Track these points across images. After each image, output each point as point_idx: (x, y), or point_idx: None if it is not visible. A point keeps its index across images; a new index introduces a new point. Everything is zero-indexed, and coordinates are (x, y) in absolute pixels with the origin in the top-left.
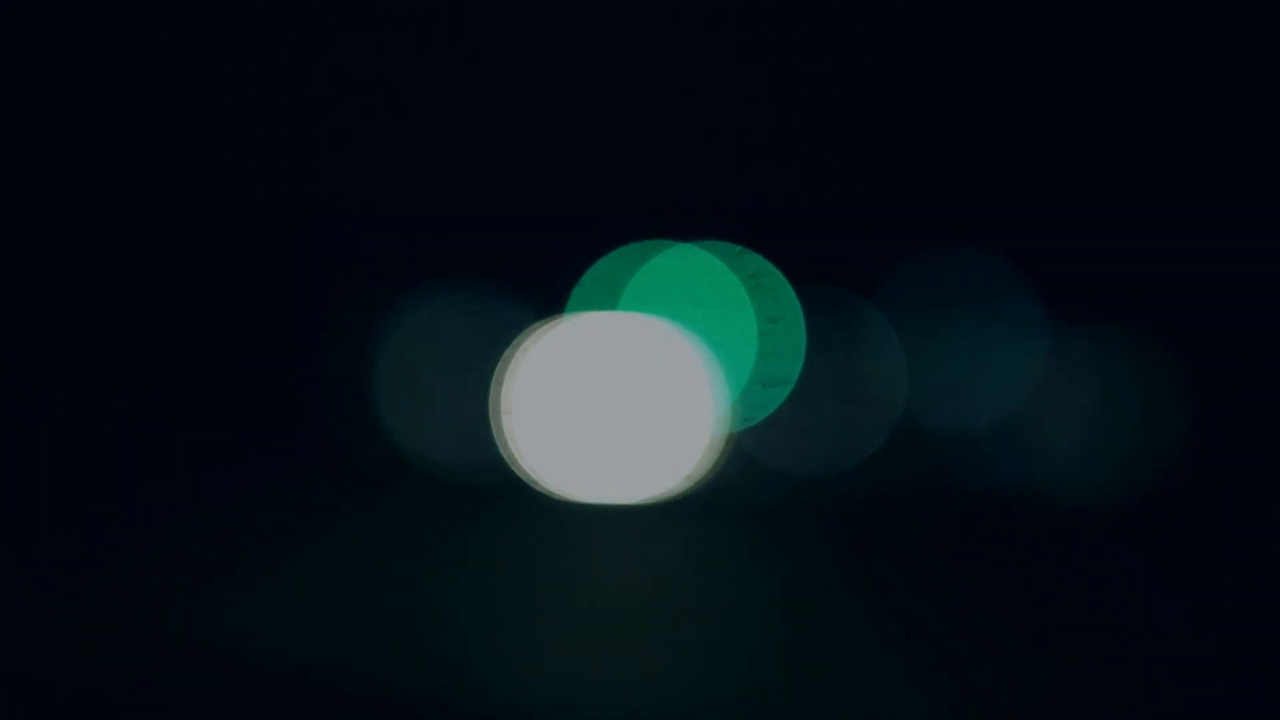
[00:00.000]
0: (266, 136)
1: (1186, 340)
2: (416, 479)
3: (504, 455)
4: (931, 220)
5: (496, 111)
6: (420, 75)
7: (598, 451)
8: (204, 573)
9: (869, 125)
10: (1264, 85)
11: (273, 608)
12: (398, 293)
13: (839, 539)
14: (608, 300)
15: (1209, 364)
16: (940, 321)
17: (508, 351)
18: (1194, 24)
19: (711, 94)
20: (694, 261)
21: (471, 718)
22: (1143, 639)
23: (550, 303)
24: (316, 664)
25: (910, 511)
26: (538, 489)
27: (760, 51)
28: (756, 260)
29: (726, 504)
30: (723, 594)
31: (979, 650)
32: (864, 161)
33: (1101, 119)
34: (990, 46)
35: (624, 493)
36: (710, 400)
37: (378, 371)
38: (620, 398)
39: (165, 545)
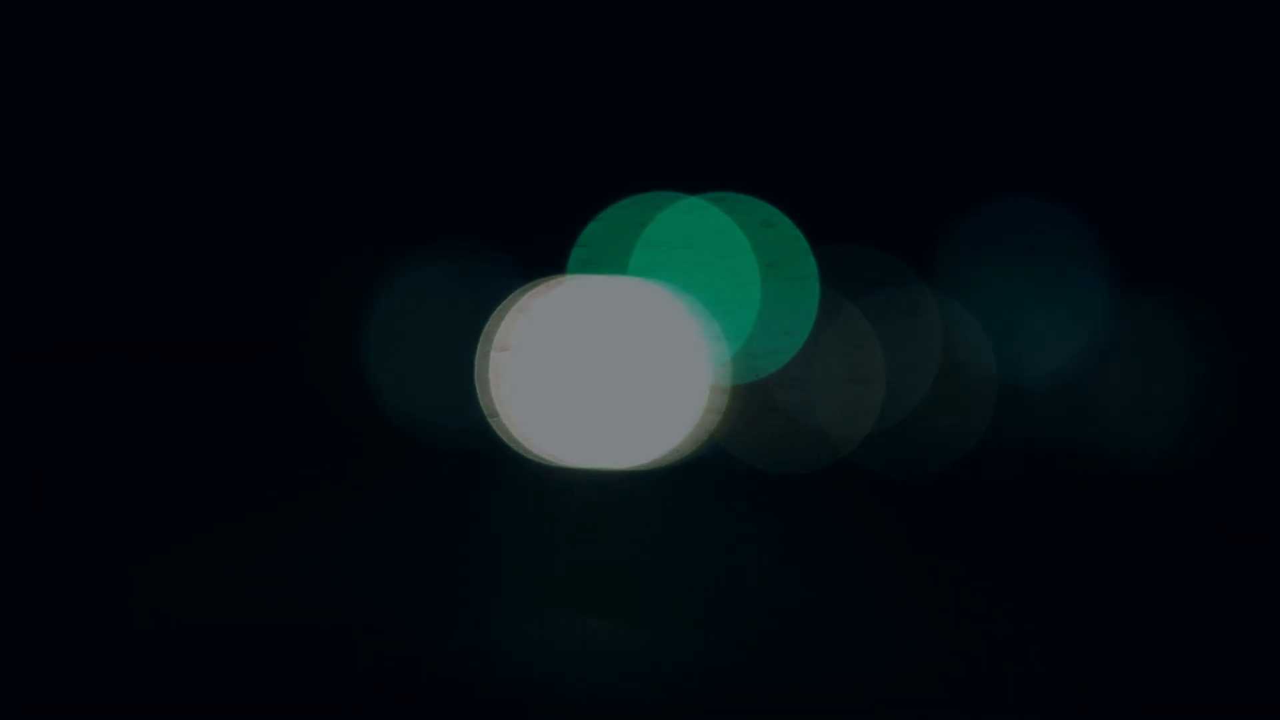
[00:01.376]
0: (255, 100)
1: (1251, 309)
2: (406, 444)
3: (492, 420)
4: (977, 170)
5: (496, 61)
6: (410, 21)
7: (592, 416)
8: (183, 534)
9: (903, 64)
10: None
11: (258, 571)
12: (391, 254)
13: (863, 504)
14: (607, 256)
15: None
16: (984, 280)
17: (498, 314)
18: None
19: (721, 22)
20: (697, 214)
21: (457, 689)
22: (1183, 604)
23: (549, 260)
24: (298, 628)
25: (942, 475)
26: (527, 455)
27: None
28: (764, 209)
29: (735, 466)
30: (729, 563)
31: (1018, 612)
32: (899, 106)
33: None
34: None
35: (621, 457)
36: (708, 359)
37: (369, 334)
38: (615, 360)
39: (144, 506)
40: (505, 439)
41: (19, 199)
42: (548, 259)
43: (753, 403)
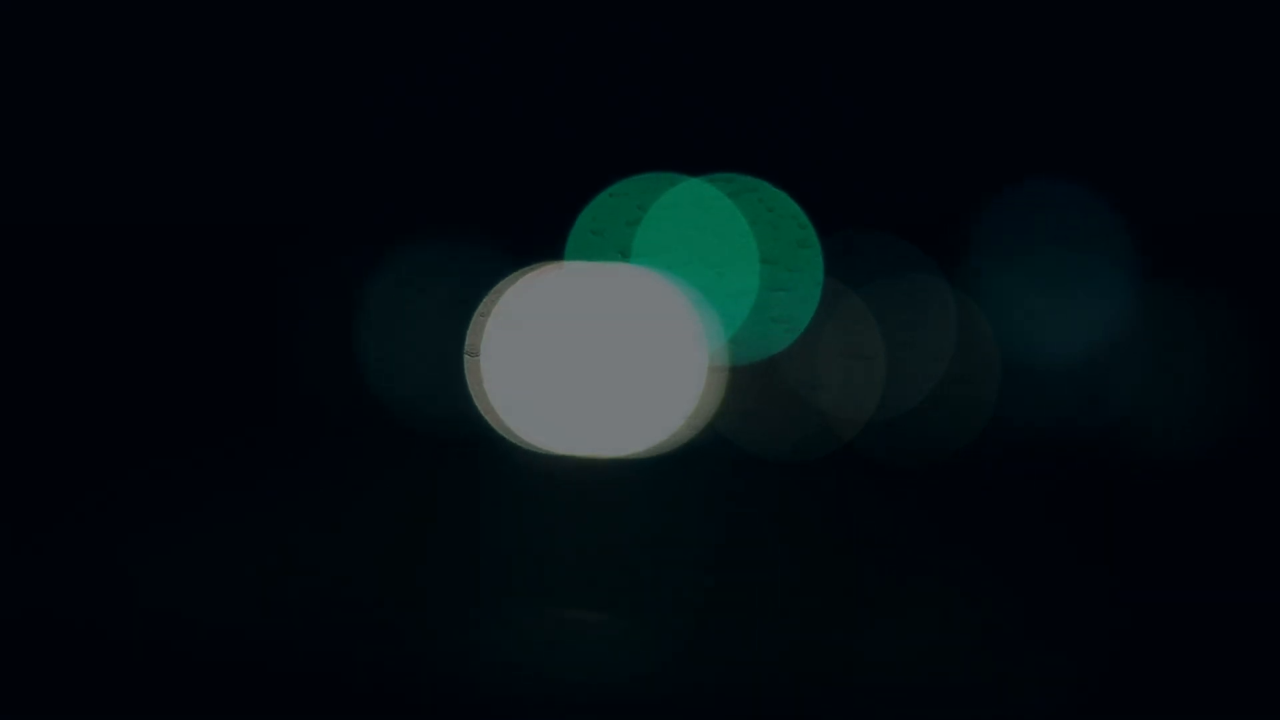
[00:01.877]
0: (255, 96)
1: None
2: (401, 435)
3: (485, 409)
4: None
5: (496, 61)
6: (410, 20)
7: (588, 402)
8: (173, 522)
9: (903, 63)
10: None
11: (241, 560)
12: (387, 244)
13: (867, 494)
14: (605, 240)
15: None
16: (993, 270)
17: (493, 302)
18: None
19: (721, 22)
20: (698, 196)
21: (456, 687)
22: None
23: (545, 247)
24: (284, 621)
25: (949, 465)
26: (521, 444)
27: None
28: (766, 190)
29: (734, 453)
30: (728, 554)
31: (1027, 607)
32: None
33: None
34: None
35: (618, 445)
36: (706, 343)
37: (364, 323)
38: (612, 346)
39: (134, 494)
40: (499, 428)
41: (13, 212)
42: (543, 246)
43: (753, 387)
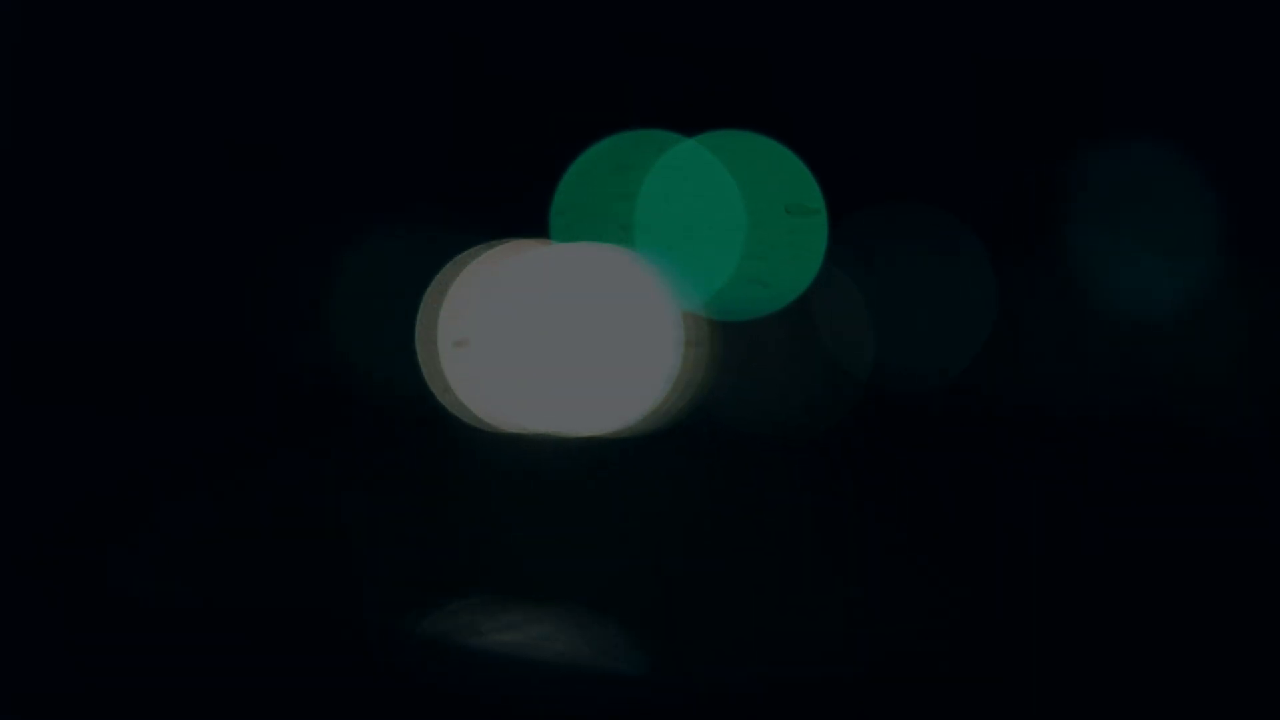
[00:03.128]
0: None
1: None
2: (363, 416)
3: (436, 386)
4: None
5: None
6: None
7: (556, 381)
8: (139, 504)
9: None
10: None
11: (213, 546)
12: (353, 210)
13: (872, 480)
14: (583, 214)
15: None
16: (1025, 247)
17: (451, 275)
18: None
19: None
20: (691, 161)
21: (423, 676)
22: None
23: (520, 219)
24: (272, 621)
25: (961, 448)
26: (491, 428)
27: None
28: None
29: (719, 432)
30: (717, 543)
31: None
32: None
33: None
34: None
35: (594, 424)
36: (688, 311)
37: (329, 306)
38: (580, 322)
39: (103, 475)
40: (465, 411)
41: None
42: (516, 220)
43: (739, 361)
